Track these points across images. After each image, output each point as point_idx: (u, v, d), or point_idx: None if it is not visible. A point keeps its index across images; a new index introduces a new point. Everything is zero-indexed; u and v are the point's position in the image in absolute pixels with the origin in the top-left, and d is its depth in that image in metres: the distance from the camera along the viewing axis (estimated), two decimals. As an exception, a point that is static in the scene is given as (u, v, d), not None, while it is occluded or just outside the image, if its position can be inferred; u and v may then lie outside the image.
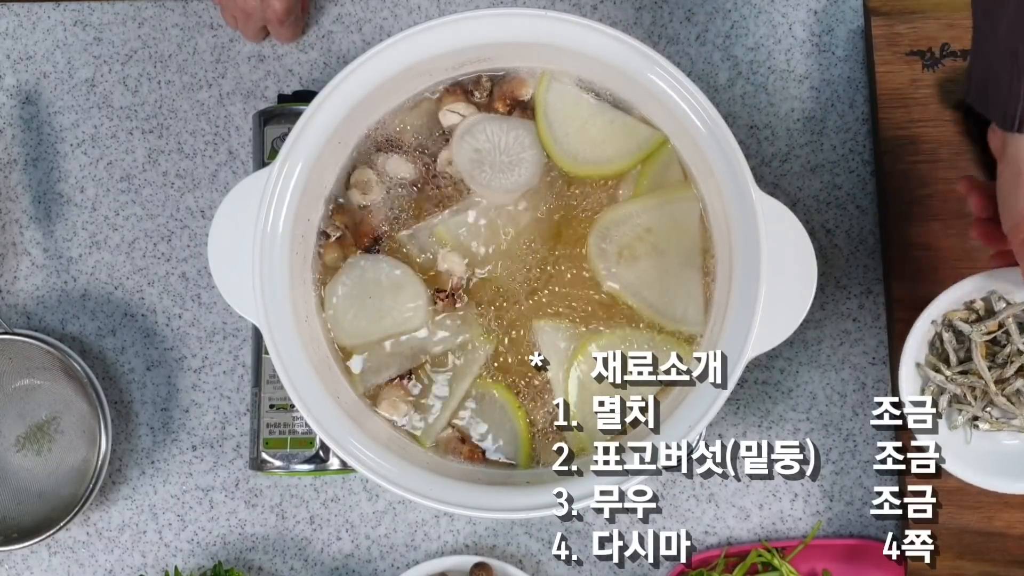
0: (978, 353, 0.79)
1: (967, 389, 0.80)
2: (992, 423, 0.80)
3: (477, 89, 0.84)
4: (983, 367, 0.78)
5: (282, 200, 0.79)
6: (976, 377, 0.79)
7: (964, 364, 0.79)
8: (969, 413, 0.80)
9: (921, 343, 0.80)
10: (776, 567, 0.86)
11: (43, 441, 0.92)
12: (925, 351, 0.81)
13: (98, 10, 0.95)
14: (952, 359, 0.80)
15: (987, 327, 0.79)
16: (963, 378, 0.80)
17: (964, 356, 0.79)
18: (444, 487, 0.78)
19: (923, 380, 0.80)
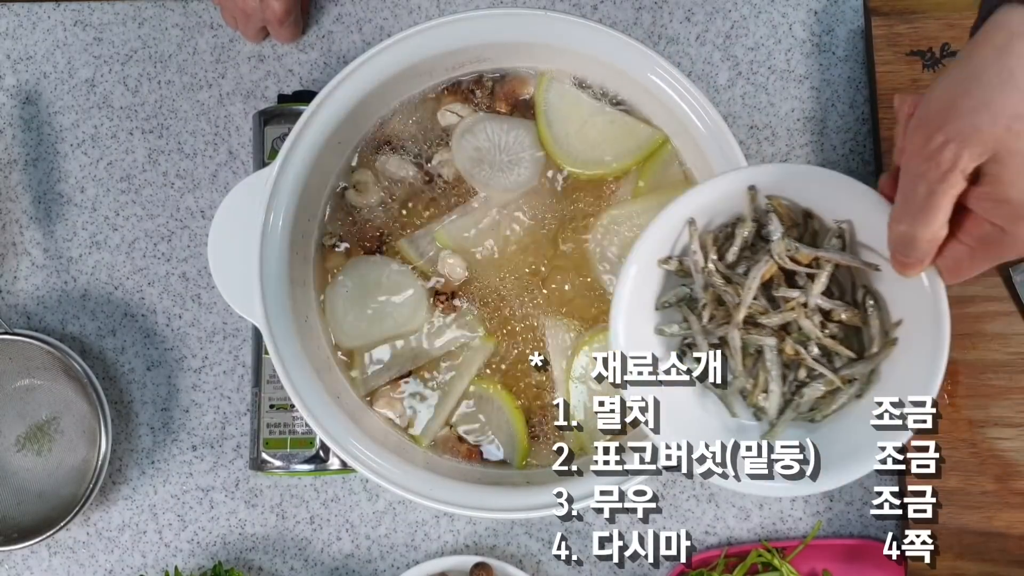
0: (764, 267, 0.65)
1: (712, 295, 0.67)
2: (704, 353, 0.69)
3: (479, 88, 0.84)
4: (753, 285, 0.65)
5: (282, 200, 0.79)
6: (735, 293, 0.66)
7: (735, 270, 0.67)
8: (688, 332, 0.68)
9: (722, 202, 0.66)
10: (776, 567, 0.86)
11: (43, 441, 0.92)
12: (712, 218, 0.68)
13: (98, 10, 0.95)
14: (733, 250, 0.66)
15: (799, 251, 0.65)
16: (722, 281, 0.66)
17: (741, 262, 0.67)
18: (444, 487, 0.78)
19: (678, 247, 0.68)
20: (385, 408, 0.82)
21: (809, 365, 0.66)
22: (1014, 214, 0.56)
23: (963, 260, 0.60)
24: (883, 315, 0.67)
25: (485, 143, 0.83)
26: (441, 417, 0.82)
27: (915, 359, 0.65)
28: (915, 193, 0.58)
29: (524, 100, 0.84)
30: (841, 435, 0.67)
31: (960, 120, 0.55)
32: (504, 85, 0.84)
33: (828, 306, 0.66)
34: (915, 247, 0.60)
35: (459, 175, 0.84)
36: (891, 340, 0.67)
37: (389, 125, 0.84)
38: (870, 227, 0.64)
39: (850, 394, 0.67)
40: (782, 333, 0.66)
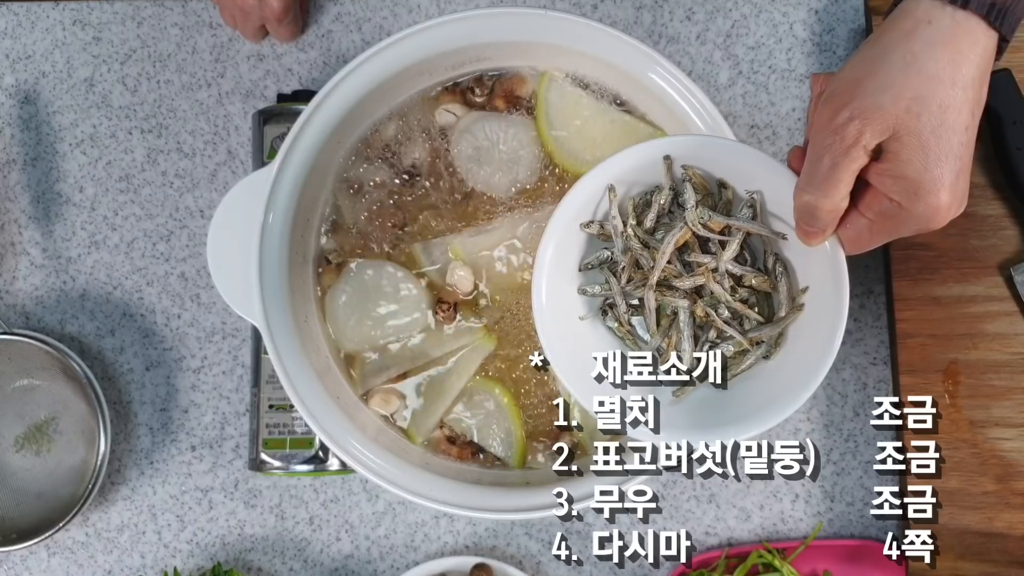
0: (678, 234, 0.67)
1: (631, 260, 0.69)
2: (620, 324, 0.71)
3: (479, 87, 0.83)
4: (667, 250, 0.67)
5: (281, 200, 0.79)
6: (651, 256, 0.68)
7: (656, 235, 0.69)
8: (609, 293, 0.70)
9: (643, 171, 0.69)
10: (777, 568, 0.86)
11: (42, 441, 0.91)
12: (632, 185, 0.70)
13: (97, 9, 0.95)
14: (650, 216, 0.69)
15: (712, 219, 0.67)
16: (640, 246, 0.69)
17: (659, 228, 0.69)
18: (443, 488, 0.78)
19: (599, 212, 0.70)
20: (379, 405, 0.82)
21: (719, 327, 0.69)
22: (910, 191, 0.59)
23: (864, 232, 0.63)
24: (791, 282, 0.70)
25: (484, 142, 0.83)
26: (436, 416, 0.82)
27: (819, 324, 0.67)
28: (820, 165, 0.60)
29: (523, 99, 0.84)
30: (746, 394, 0.70)
31: (865, 98, 0.58)
32: (504, 83, 0.84)
33: (739, 271, 0.69)
34: (817, 217, 0.62)
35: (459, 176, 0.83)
36: (798, 305, 0.69)
37: (389, 125, 0.84)
38: (780, 198, 0.67)
39: (757, 355, 0.70)
40: (695, 296, 0.69)
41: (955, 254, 0.86)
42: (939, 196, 0.59)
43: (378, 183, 0.84)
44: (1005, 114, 0.83)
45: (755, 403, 0.68)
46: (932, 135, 0.58)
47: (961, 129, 0.59)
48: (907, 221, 0.61)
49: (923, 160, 0.58)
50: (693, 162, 0.68)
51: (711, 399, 0.70)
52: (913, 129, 0.58)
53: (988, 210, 0.86)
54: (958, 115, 0.58)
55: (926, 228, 0.61)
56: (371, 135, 0.84)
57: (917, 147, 0.58)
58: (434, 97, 0.84)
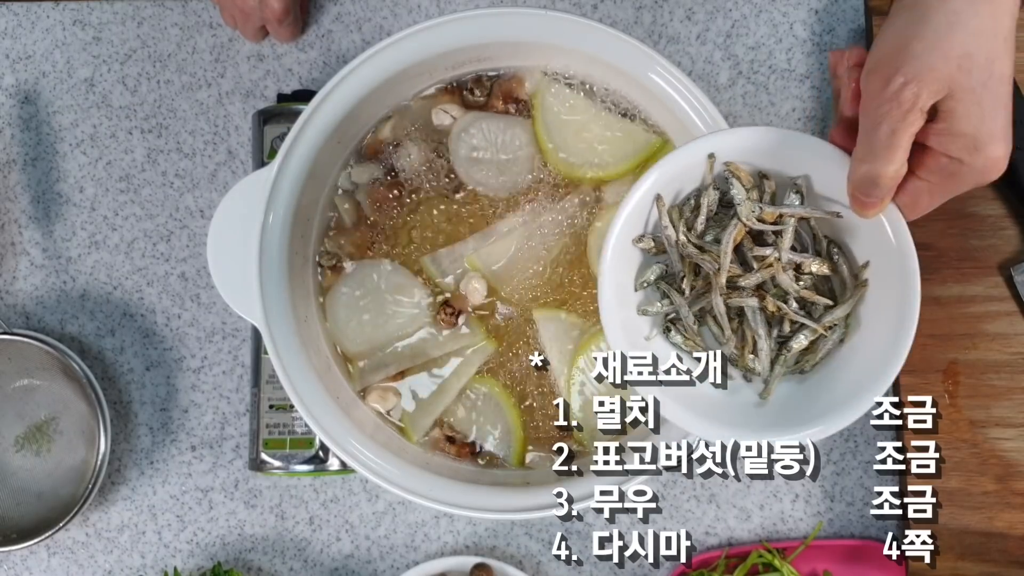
0: (734, 231, 0.66)
1: (690, 266, 0.68)
2: (687, 337, 0.70)
3: (478, 87, 0.83)
4: (728, 249, 0.66)
5: (281, 200, 0.79)
6: (712, 260, 0.67)
7: (705, 238, 0.68)
8: (671, 308, 0.69)
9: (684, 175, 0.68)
10: (777, 568, 0.86)
11: (42, 441, 0.91)
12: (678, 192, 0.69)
13: (97, 9, 0.95)
14: (699, 220, 0.68)
15: (764, 210, 0.66)
16: (697, 251, 0.67)
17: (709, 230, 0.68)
18: (443, 488, 0.78)
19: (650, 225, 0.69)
20: (376, 402, 0.82)
21: (791, 318, 0.68)
22: (970, 145, 0.60)
23: (922, 195, 0.63)
24: (850, 260, 0.68)
25: (482, 143, 0.83)
26: (433, 415, 0.82)
27: (889, 299, 0.66)
28: (878, 132, 0.60)
29: (522, 100, 0.84)
30: (830, 382, 0.68)
31: (916, 61, 0.59)
32: (502, 85, 0.84)
33: (798, 259, 0.67)
34: (879, 185, 0.62)
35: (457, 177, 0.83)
36: (862, 282, 0.68)
37: (388, 125, 0.84)
38: (824, 179, 0.66)
39: (833, 340, 0.68)
40: (761, 293, 0.68)
41: (955, 254, 0.86)
42: (997, 147, 0.60)
43: (378, 183, 0.84)
44: (1005, 114, 0.83)
45: (841, 391, 0.67)
46: (984, 89, 0.59)
47: (1008, 79, 0.60)
48: (967, 177, 0.61)
49: (979, 114, 0.59)
50: (733, 157, 0.67)
51: (795, 395, 0.69)
52: (966, 85, 0.59)
53: (988, 210, 0.86)
54: (1004, 66, 0.60)
55: (983, 181, 0.62)
56: (371, 135, 0.84)
57: (973, 102, 0.59)
58: (432, 96, 0.84)
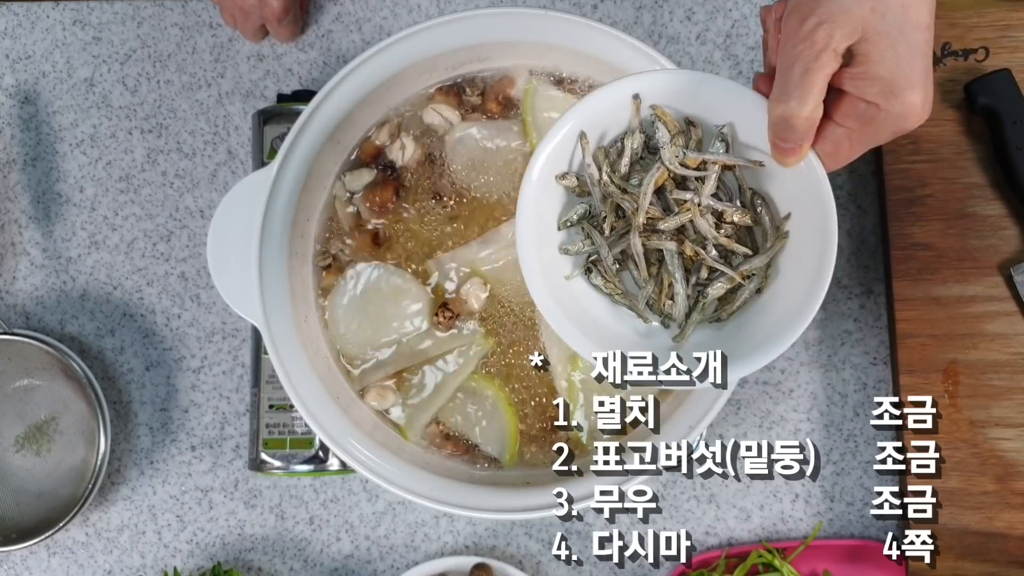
0: (656, 174, 0.66)
1: (612, 207, 0.68)
2: (608, 279, 0.69)
3: (471, 87, 0.83)
4: (648, 191, 0.65)
5: (281, 200, 0.79)
6: (632, 200, 0.66)
7: (629, 181, 0.68)
8: (592, 248, 0.69)
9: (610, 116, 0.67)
10: (777, 568, 0.86)
11: (42, 441, 0.91)
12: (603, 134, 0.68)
13: (97, 9, 0.95)
14: (624, 162, 0.67)
15: (687, 156, 0.66)
16: (619, 191, 0.67)
17: (635, 174, 0.68)
18: (443, 488, 0.78)
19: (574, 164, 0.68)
20: (374, 400, 0.82)
21: (709, 264, 0.67)
22: (886, 89, 0.60)
23: (843, 143, 0.63)
24: (773, 211, 0.68)
25: (477, 150, 0.83)
26: (430, 412, 0.82)
27: (808, 250, 0.66)
28: (791, 73, 0.60)
29: (515, 100, 0.83)
30: (744, 331, 0.68)
31: (830, 3, 0.59)
32: (495, 84, 0.84)
33: (720, 207, 0.67)
34: (794, 127, 0.62)
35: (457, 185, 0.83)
36: (783, 233, 0.67)
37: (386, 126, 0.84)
38: (751, 127, 0.66)
39: (751, 289, 0.68)
40: (680, 237, 0.67)
41: (955, 254, 0.86)
42: (914, 93, 0.60)
43: (375, 186, 0.84)
44: (1005, 114, 0.83)
45: (755, 338, 0.67)
46: (899, 33, 0.59)
47: (924, 27, 0.60)
48: (885, 123, 0.61)
49: (894, 58, 0.59)
50: (659, 101, 0.67)
51: (710, 343, 0.68)
52: (880, 28, 0.59)
53: (988, 210, 0.86)
54: (919, 13, 0.60)
55: (902, 128, 0.61)
56: (370, 135, 0.84)
57: (887, 45, 0.59)
58: (429, 97, 0.84)
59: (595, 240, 0.68)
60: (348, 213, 0.84)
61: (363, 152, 0.84)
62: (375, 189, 0.83)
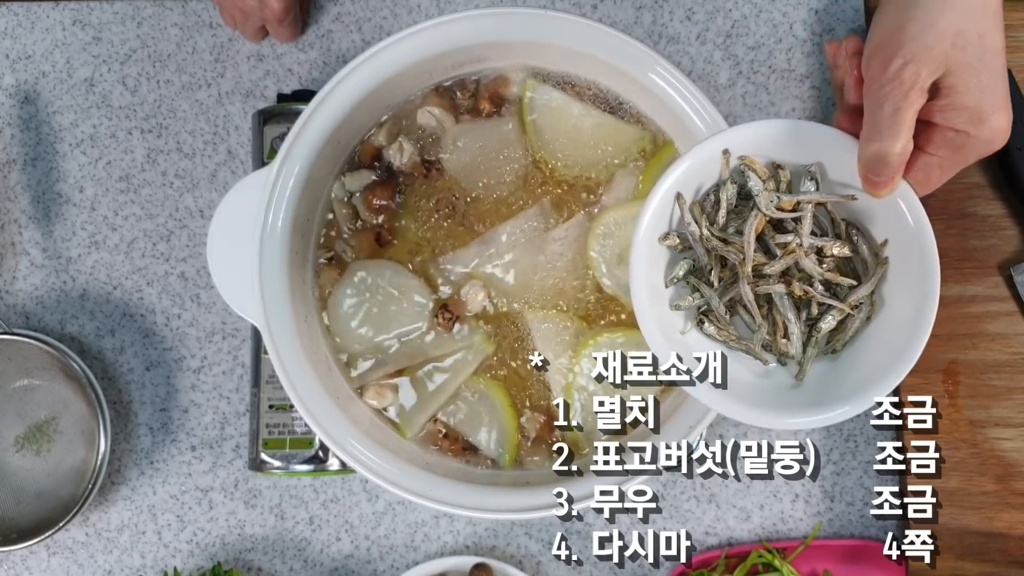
0: (755, 221, 0.68)
1: (716, 259, 0.70)
2: (721, 327, 0.71)
3: (461, 91, 0.83)
4: (751, 239, 0.68)
5: (281, 200, 0.79)
6: (736, 251, 0.69)
7: (727, 231, 0.70)
8: (702, 301, 0.70)
9: (701, 172, 0.70)
10: (777, 568, 0.86)
11: (42, 441, 0.91)
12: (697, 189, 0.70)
13: (97, 9, 0.95)
14: (720, 214, 0.70)
15: (782, 200, 0.68)
16: (721, 243, 0.69)
17: (731, 223, 0.70)
18: (443, 488, 0.78)
19: (673, 222, 0.71)
20: (373, 398, 0.82)
21: (818, 300, 0.69)
22: (974, 117, 0.63)
23: (933, 170, 0.66)
24: (869, 241, 0.70)
25: (471, 151, 0.82)
26: (428, 411, 0.82)
27: (910, 276, 0.68)
28: (882, 112, 0.63)
29: (508, 100, 0.83)
30: (861, 360, 0.70)
31: (913, 42, 0.62)
32: (488, 86, 0.84)
33: (819, 243, 0.69)
34: (887, 163, 0.64)
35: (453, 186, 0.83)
36: (882, 260, 0.69)
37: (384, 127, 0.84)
38: (836, 165, 0.68)
39: (860, 318, 0.70)
40: (787, 279, 0.69)
41: (955, 254, 0.86)
42: (1000, 116, 0.63)
43: (374, 187, 0.84)
44: (1005, 114, 0.83)
45: (871, 367, 0.68)
46: (980, 62, 0.62)
47: (1000, 52, 0.63)
48: (974, 148, 0.64)
49: (978, 86, 0.62)
50: (747, 151, 0.69)
51: (828, 375, 0.70)
52: (963, 61, 0.61)
53: (988, 210, 0.86)
54: (994, 40, 0.63)
55: (989, 150, 0.64)
56: (369, 136, 0.84)
57: (971, 76, 0.62)
58: (424, 97, 0.84)
59: (704, 293, 0.70)
60: (347, 215, 0.84)
61: (362, 153, 0.84)
62: (374, 190, 0.83)
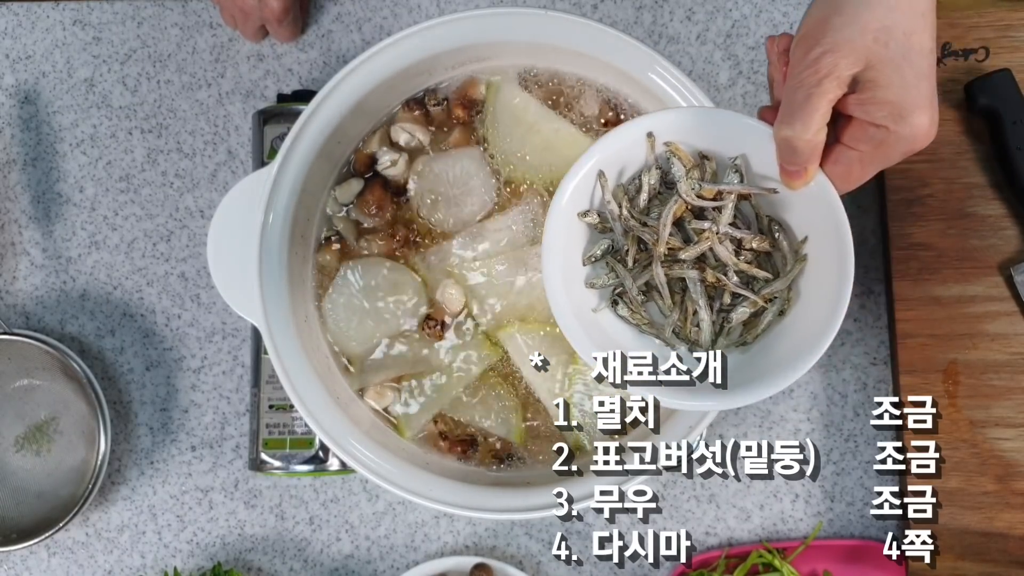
0: (674, 206, 0.68)
1: (633, 240, 0.69)
2: (634, 311, 0.71)
3: (432, 98, 0.83)
4: (667, 221, 0.67)
5: (281, 200, 0.79)
6: (652, 232, 0.68)
7: (650, 216, 0.69)
8: (617, 281, 0.70)
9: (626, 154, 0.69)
10: (777, 568, 0.86)
11: (42, 441, 0.91)
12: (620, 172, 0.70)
13: (97, 9, 0.95)
14: (642, 198, 0.69)
15: (703, 188, 0.68)
16: (639, 224, 0.69)
17: (653, 208, 0.69)
18: (443, 488, 0.78)
19: (595, 201, 0.70)
20: (373, 399, 0.82)
21: (732, 289, 0.69)
22: (894, 112, 0.61)
23: (854, 165, 0.65)
24: (790, 236, 0.70)
25: (435, 183, 0.82)
26: (429, 414, 0.82)
27: (828, 270, 0.67)
28: (795, 97, 0.62)
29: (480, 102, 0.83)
30: (770, 352, 0.70)
31: (835, 34, 0.61)
32: (457, 92, 0.83)
33: (739, 235, 0.68)
34: (797, 150, 0.64)
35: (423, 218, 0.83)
36: (802, 256, 0.69)
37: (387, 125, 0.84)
38: (763, 158, 0.67)
39: (773, 312, 0.69)
40: (702, 265, 0.69)
41: (955, 254, 0.86)
42: (922, 115, 0.61)
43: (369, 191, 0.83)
44: (1005, 114, 0.83)
45: (781, 359, 0.68)
46: (903, 59, 0.61)
47: (927, 52, 0.62)
48: (895, 145, 0.63)
49: (900, 82, 0.61)
50: (673, 137, 0.69)
51: (738, 366, 0.69)
52: (884, 57, 0.61)
53: (988, 210, 0.86)
54: (921, 39, 0.62)
55: (912, 149, 0.63)
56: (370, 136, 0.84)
57: (893, 71, 0.61)
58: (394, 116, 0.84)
59: (619, 273, 0.70)
60: (346, 227, 0.83)
61: (358, 159, 0.84)
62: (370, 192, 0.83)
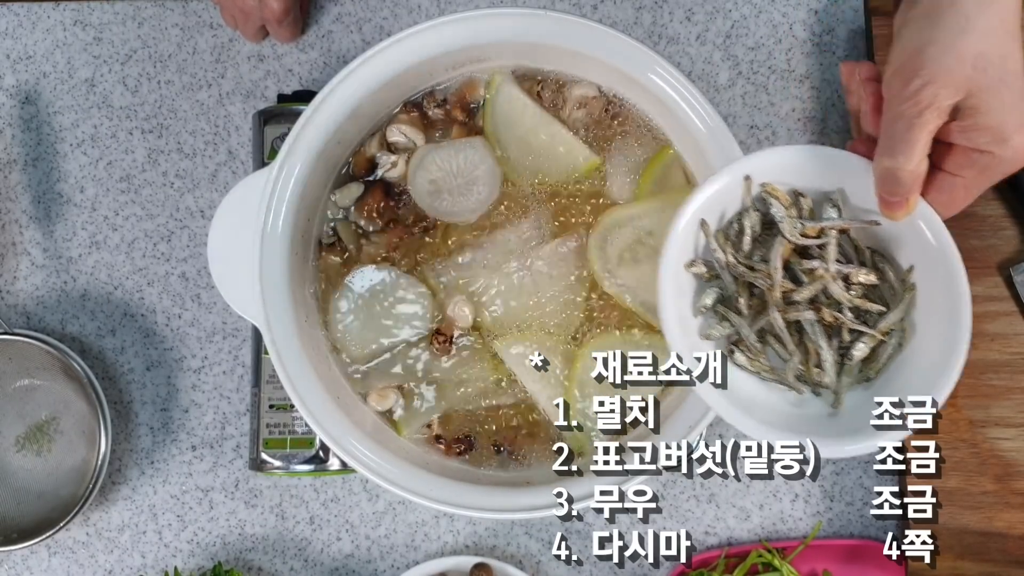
0: (780, 248, 0.68)
1: (744, 286, 0.69)
2: (752, 357, 0.70)
3: (431, 100, 0.83)
4: (777, 264, 0.67)
5: (282, 200, 0.79)
6: (764, 277, 0.68)
7: (753, 259, 0.69)
8: (732, 330, 0.70)
9: (723, 198, 0.69)
10: (776, 567, 0.86)
11: (43, 441, 0.91)
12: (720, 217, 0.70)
13: (98, 10, 0.95)
14: (745, 240, 0.69)
15: (806, 226, 0.68)
16: (748, 270, 0.69)
17: (756, 251, 0.69)
18: (444, 488, 0.78)
19: (699, 249, 0.70)
20: (376, 402, 0.82)
21: (849, 327, 0.68)
22: (996, 137, 0.63)
23: (957, 191, 0.66)
24: (896, 267, 0.70)
25: (437, 173, 0.82)
26: (429, 416, 0.82)
27: (940, 300, 0.67)
28: (895, 129, 0.63)
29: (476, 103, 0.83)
30: (897, 387, 0.69)
31: (933, 64, 0.62)
32: (455, 94, 0.83)
33: (846, 270, 0.68)
34: (899, 181, 0.64)
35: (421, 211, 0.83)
36: (910, 285, 0.69)
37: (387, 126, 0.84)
38: (858, 191, 0.68)
39: (892, 345, 0.69)
40: (816, 305, 0.68)
41: (955, 254, 0.86)
42: (1022, 135, 0.63)
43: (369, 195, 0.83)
44: (1005, 114, 0.83)
45: (910, 391, 0.67)
46: (1001, 83, 0.62)
47: (1021, 73, 0.63)
48: (998, 168, 0.64)
49: (1000, 107, 0.62)
50: (768, 177, 0.69)
51: (865, 403, 0.69)
52: (983, 83, 0.61)
53: (988, 210, 0.86)
54: (1015, 62, 0.63)
55: (1012, 170, 0.64)
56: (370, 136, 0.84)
57: (992, 97, 0.62)
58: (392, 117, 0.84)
59: (733, 321, 0.70)
60: (346, 233, 0.83)
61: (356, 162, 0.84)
62: (367, 199, 0.83)
